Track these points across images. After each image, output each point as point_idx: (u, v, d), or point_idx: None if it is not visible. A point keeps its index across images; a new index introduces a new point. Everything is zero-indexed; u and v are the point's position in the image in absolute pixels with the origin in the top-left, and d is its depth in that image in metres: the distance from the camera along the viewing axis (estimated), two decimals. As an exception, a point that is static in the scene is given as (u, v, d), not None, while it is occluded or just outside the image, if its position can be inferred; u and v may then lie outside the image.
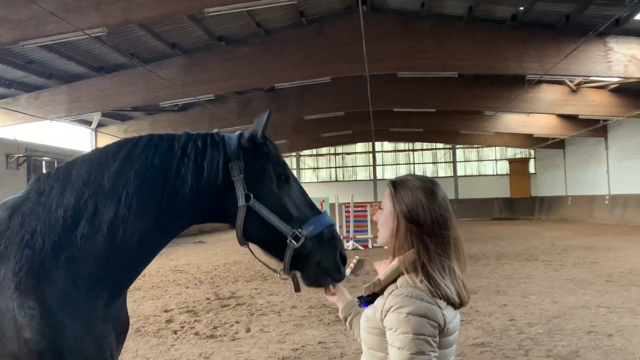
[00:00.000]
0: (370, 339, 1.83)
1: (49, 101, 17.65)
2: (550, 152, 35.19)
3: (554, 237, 19.45)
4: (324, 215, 2.31)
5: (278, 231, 2.22)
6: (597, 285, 9.41)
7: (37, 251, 2.00)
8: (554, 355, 5.54)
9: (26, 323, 1.92)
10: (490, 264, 12.72)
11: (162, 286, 10.97)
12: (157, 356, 6.02)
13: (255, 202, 2.23)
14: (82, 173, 2.17)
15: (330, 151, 42.59)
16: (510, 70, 16.84)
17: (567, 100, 21.74)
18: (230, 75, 16.78)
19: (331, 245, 2.27)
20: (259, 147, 2.34)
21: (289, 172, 2.37)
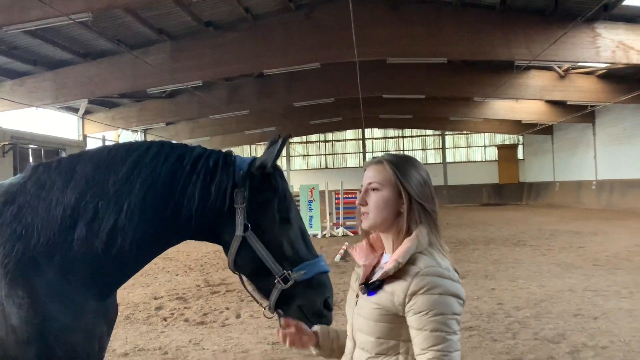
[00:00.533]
0: (379, 327, 1.70)
1: (34, 88, 17.40)
2: (539, 138, 35.40)
3: (541, 222, 19.64)
4: (319, 261, 2.25)
5: (268, 269, 2.17)
6: (583, 269, 9.53)
7: (31, 246, 1.99)
8: (541, 338, 5.62)
9: (14, 312, 1.92)
10: (479, 249, 12.83)
11: (151, 274, 10.94)
12: (147, 343, 6.02)
13: (251, 235, 2.18)
14: (87, 172, 2.13)
15: (320, 138, 42.53)
16: (499, 56, 16.85)
17: (556, 86, 21.84)
18: (218, 61, 16.62)
19: (318, 291, 2.21)
20: (267, 178, 2.27)
21: (293, 209, 2.31)
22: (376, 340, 1.71)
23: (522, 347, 5.33)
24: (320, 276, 2.23)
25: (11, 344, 1.92)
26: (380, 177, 1.81)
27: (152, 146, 2.24)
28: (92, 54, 16.85)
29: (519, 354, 5.15)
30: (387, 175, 1.80)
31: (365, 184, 1.85)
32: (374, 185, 1.82)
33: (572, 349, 5.23)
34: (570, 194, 30.47)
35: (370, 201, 1.82)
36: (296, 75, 21.11)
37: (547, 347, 5.31)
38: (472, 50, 16.38)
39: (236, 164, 2.26)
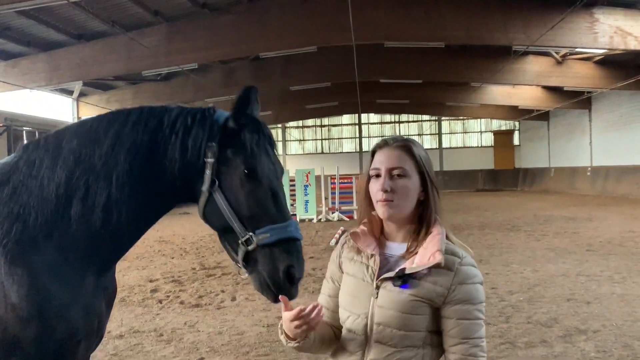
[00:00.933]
0: (411, 319, 1.64)
1: (28, 69, 17.23)
2: (535, 124, 35.43)
3: (536, 208, 19.73)
4: (288, 225, 2.05)
5: (231, 228, 2.08)
6: (577, 255, 9.60)
7: (29, 226, 2.00)
8: (534, 322, 5.66)
9: (14, 290, 1.94)
10: (474, 234, 12.89)
11: (147, 257, 10.95)
12: (142, 325, 6.04)
13: (217, 191, 2.09)
14: (73, 148, 2.12)
15: (316, 123, 42.42)
16: (497, 41, 16.78)
17: (553, 72, 21.80)
18: (213, 44, 16.48)
19: (280, 259, 2.01)
20: (237, 131, 2.15)
21: (264, 167, 2.12)
22: (405, 334, 1.64)
23: (515, 331, 5.38)
24: (286, 242, 2.03)
25: (11, 322, 1.93)
26: (407, 163, 1.72)
27: (131, 114, 2.20)
28: (86, 35, 16.67)
29: (512, 337, 5.19)
30: (413, 161, 1.73)
31: (386, 168, 1.72)
32: (400, 172, 1.71)
33: (564, 332, 5.27)
34: (565, 180, 30.59)
35: (399, 188, 1.70)
36: (293, 58, 20.98)
37: (539, 331, 5.36)
38: (470, 35, 16.29)
39: (214, 118, 2.18)
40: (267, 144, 2.20)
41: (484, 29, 15.92)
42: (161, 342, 5.40)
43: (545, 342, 5.03)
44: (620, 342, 4.94)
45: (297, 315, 1.64)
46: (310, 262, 9.23)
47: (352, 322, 1.72)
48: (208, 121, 2.16)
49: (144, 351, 5.15)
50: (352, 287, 1.75)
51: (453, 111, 35.52)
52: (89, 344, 2.16)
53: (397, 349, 1.64)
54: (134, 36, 15.60)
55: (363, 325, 1.68)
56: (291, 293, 2.02)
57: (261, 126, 2.21)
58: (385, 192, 1.68)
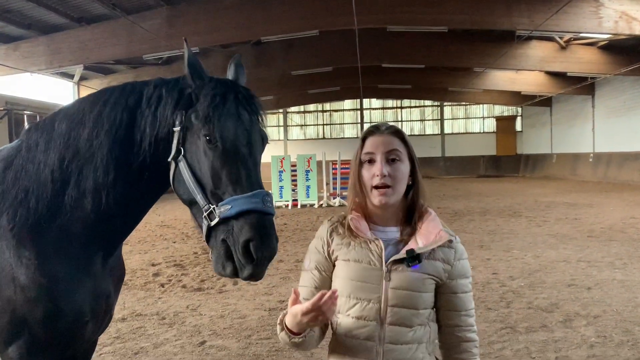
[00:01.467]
0: (424, 297, 1.70)
1: (28, 53, 17.13)
2: (537, 110, 35.27)
3: (537, 194, 19.72)
4: (253, 196, 1.84)
5: (196, 201, 1.94)
6: (578, 241, 9.61)
7: (32, 211, 2.02)
8: (535, 307, 5.68)
9: (22, 272, 1.97)
10: (475, 220, 12.90)
11: (149, 241, 10.99)
12: (145, 308, 6.07)
13: (182, 161, 1.97)
14: (63, 131, 2.11)
15: (318, 108, 42.24)
16: (500, 26, 16.62)
17: (556, 57, 21.63)
18: (214, 27, 16.35)
19: (240, 233, 1.81)
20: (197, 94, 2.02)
21: (228, 131, 1.93)
22: (417, 312, 1.69)
23: (515, 316, 5.40)
24: (248, 215, 1.81)
25: (20, 303, 1.96)
26: (402, 148, 1.76)
27: (114, 91, 2.15)
28: (87, 18, 16.54)
29: (512, 322, 5.21)
30: (405, 147, 1.77)
31: (382, 152, 1.73)
32: (395, 156, 1.74)
33: (565, 317, 5.29)
34: (567, 167, 30.53)
35: (397, 173, 1.72)
36: (294, 42, 20.82)
37: (540, 316, 5.38)
38: (473, 19, 16.15)
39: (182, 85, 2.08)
40: (242, 109, 2.02)
41: (487, 13, 15.77)
42: (163, 326, 5.44)
43: (545, 327, 5.05)
44: (620, 327, 4.96)
45: (314, 307, 1.54)
46: (312, 247, 9.24)
47: (362, 308, 1.68)
48: (177, 88, 2.07)
49: (147, 334, 5.19)
50: (357, 273, 1.70)
51: (455, 97, 35.34)
52: (97, 325, 2.18)
53: (410, 328, 1.68)
54: (134, 19, 15.48)
55: (376, 309, 1.67)
56: (253, 273, 1.82)
57: (232, 89, 2.06)
58: (384, 176, 1.69)
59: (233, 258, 1.84)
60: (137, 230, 13.18)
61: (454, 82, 29.64)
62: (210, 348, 4.77)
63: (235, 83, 2.13)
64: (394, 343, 1.67)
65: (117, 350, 4.75)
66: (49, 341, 2.00)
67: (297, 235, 11.33)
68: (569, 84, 26.27)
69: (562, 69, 22.79)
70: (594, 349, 4.45)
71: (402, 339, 1.67)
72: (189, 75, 2.02)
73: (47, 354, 2.03)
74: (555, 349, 4.50)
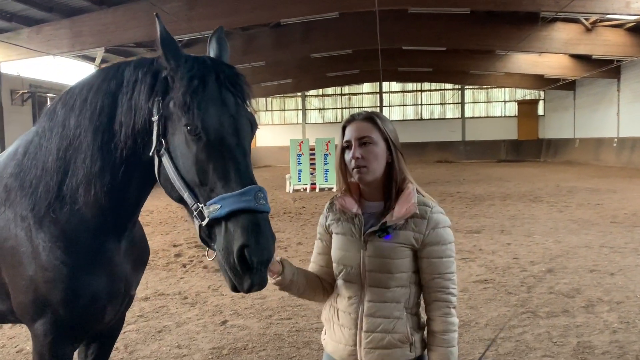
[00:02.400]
0: (398, 263, 1.94)
1: (51, 35, 17.29)
2: (560, 94, 34.57)
3: (559, 179, 19.45)
4: (244, 194, 1.65)
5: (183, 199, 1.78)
6: (600, 226, 9.48)
7: (43, 198, 2.05)
8: (556, 292, 5.65)
9: (41, 252, 2.03)
10: (495, 205, 12.79)
11: (170, 222, 11.14)
12: (167, 288, 6.18)
13: (165, 154, 1.79)
14: (60, 119, 2.08)
15: (337, 91, 41.99)
16: (525, 7, 16.29)
17: (581, 40, 21.10)
18: (234, 10, 16.29)
19: (233, 237, 1.64)
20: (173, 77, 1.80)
21: (212, 119, 1.72)
22: (393, 276, 1.94)
23: (536, 301, 5.37)
24: (241, 215, 1.64)
25: (40, 283, 2.03)
26: (373, 132, 1.98)
27: (101, 74, 2.04)
28: (108, 1, 16.62)
29: (533, 307, 5.19)
30: (377, 130, 1.99)
31: (354, 139, 1.98)
32: (367, 140, 1.97)
33: (587, 303, 5.25)
34: (590, 151, 29.98)
35: (369, 154, 1.96)
36: (314, 25, 20.66)
37: (562, 301, 5.34)
38: (497, 1, 15.83)
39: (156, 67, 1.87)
40: (226, 91, 1.79)
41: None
42: (186, 305, 5.53)
43: (567, 312, 5.02)
44: (644, 313, 4.91)
45: None
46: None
47: (347, 273, 2.00)
48: (150, 72, 1.87)
49: (169, 313, 5.29)
50: (342, 244, 2.02)
51: (477, 80, 34.78)
52: (115, 307, 2.21)
53: (388, 289, 1.95)
54: (155, 2, 15.47)
55: (357, 274, 1.98)
56: (252, 280, 1.66)
57: (212, 68, 1.81)
58: (357, 159, 1.94)
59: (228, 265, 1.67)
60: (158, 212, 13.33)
61: (475, 65, 29.16)
62: (232, 327, 4.85)
63: (216, 61, 1.89)
64: (373, 301, 1.95)
65: (140, 329, 4.85)
66: (69, 320, 2.05)
67: (316, 218, 11.35)
68: (594, 66, 25.67)
69: (587, 52, 22.24)
70: (616, 335, 4.42)
71: (380, 298, 1.95)
72: (162, 56, 1.80)
73: (70, 331, 2.09)
74: (577, 334, 4.47)
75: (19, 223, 2.07)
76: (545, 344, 4.28)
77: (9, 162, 2.21)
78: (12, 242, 2.07)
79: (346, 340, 2.00)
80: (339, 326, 2.04)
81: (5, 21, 16.89)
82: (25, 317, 2.11)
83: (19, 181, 2.10)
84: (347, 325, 2.00)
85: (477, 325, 4.75)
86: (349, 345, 1.99)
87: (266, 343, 4.47)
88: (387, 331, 1.94)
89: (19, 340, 4.60)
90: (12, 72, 19.31)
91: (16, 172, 2.13)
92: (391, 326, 1.94)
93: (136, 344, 4.52)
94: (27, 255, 2.04)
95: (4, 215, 2.11)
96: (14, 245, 2.06)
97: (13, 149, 2.26)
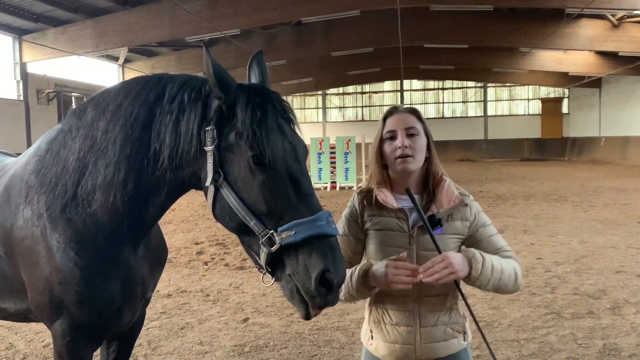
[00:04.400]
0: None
1: (76, 36, 17.62)
2: (586, 92, 33.97)
3: (584, 178, 19.11)
4: (317, 219, 1.69)
5: (248, 227, 1.75)
6: (627, 227, 9.28)
7: (60, 197, 2.03)
8: (581, 293, 5.55)
9: (55, 254, 2.02)
10: (518, 204, 12.62)
11: (192, 220, 11.24)
12: (189, 285, 6.24)
13: (224, 185, 1.77)
14: (88, 120, 2.05)
15: (357, 90, 41.91)
16: (549, 4, 16.05)
17: (608, 36, 20.69)
18: (255, 9, 16.39)
19: (311, 262, 1.66)
20: (231, 107, 1.79)
21: (277, 149, 1.74)
22: None
23: (561, 302, 5.29)
24: (317, 241, 1.67)
25: (55, 284, 2.02)
26: (418, 124, 2.02)
27: (138, 83, 2.01)
28: (132, 1, 16.86)
29: (557, 308, 5.11)
30: (421, 123, 2.03)
31: (401, 129, 1.99)
32: (414, 131, 2.00)
33: (613, 304, 5.15)
34: (616, 150, 29.40)
35: (415, 144, 1.98)
36: (335, 23, 20.66)
37: (587, 302, 5.25)
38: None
39: (209, 94, 1.84)
40: (281, 119, 1.82)
41: (535, -9, 15.21)
42: (208, 302, 5.58)
43: (592, 313, 4.93)
44: (672, 316, 4.79)
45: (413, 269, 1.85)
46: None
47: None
48: (201, 100, 1.84)
49: (192, 310, 5.33)
50: (387, 240, 2.00)
51: (499, 77, 34.37)
52: (132, 310, 2.20)
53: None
54: (177, 2, 15.64)
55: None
56: (328, 301, 1.70)
57: (268, 97, 1.83)
58: (405, 147, 1.95)
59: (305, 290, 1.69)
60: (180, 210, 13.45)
61: (498, 63, 28.82)
62: (254, 325, 4.87)
63: (267, 90, 1.90)
64: (428, 295, 1.97)
65: (163, 325, 4.91)
66: (85, 322, 2.04)
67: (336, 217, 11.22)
68: (620, 64, 25.14)
69: (613, 49, 21.80)
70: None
71: (432, 292, 1.96)
72: (216, 87, 1.78)
73: (88, 333, 2.09)
74: (602, 335, 4.39)
75: (35, 222, 2.05)
76: (569, 346, 4.21)
77: (31, 159, 2.20)
78: (29, 241, 2.06)
79: (403, 339, 1.98)
80: (393, 325, 2.00)
81: (32, 22, 17.26)
82: (44, 317, 2.11)
83: (39, 178, 2.08)
84: (403, 323, 1.98)
85: (500, 325, 4.70)
86: (406, 344, 1.97)
87: (287, 341, 4.48)
88: (445, 323, 1.98)
89: (46, 335, 4.69)
90: (38, 72, 19.70)
91: (37, 169, 2.11)
92: (447, 318, 1.98)
93: (159, 340, 4.57)
94: (42, 255, 2.03)
95: (23, 213, 2.09)
96: (31, 245, 2.06)
97: (36, 146, 2.26)
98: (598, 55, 25.81)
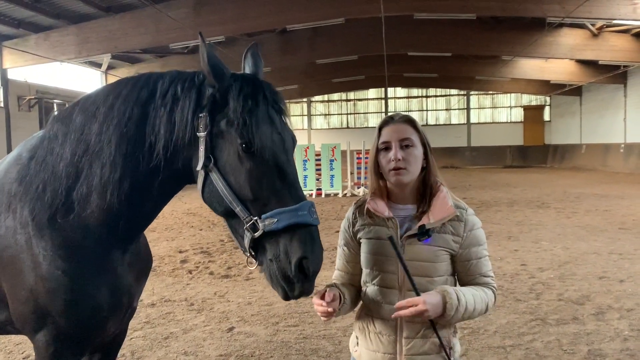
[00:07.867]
0: (438, 266, 1.94)
1: (58, 42, 17.40)
2: (567, 99, 34.49)
3: (566, 185, 19.35)
4: (299, 208, 1.77)
5: (234, 213, 1.83)
6: (609, 233, 9.40)
7: (48, 205, 2.00)
8: (565, 299, 5.59)
9: (41, 263, 1.98)
10: (502, 211, 12.72)
11: (176, 228, 11.13)
12: (173, 294, 6.16)
13: (214, 170, 1.85)
14: (77, 124, 2.04)
15: (342, 97, 42.04)
16: (530, 13, 16.27)
17: (588, 45, 21.06)
18: (240, 16, 16.35)
19: (291, 248, 1.75)
20: (224, 95, 1.86)
21: (265, 138, 1.81)
22: (431, 279, 1.92)
23: (546, 308, 5.32)
24: (298, 229, 1.76)
25: (41, 293, 1.98)
26: (413, 135, 1.97)
27: (128, 82, 2.04)
28: (115, 7, 16.71)
29: (542, 314, 5.14)
30: (417, 133, 1.98)
31: (396, 140, 1.95)
32: (408, 142, 1.95)
33: (597, 310, 5.19)
34: (597, 157, 29.84)
35: (409, 156, 1.94)
36: (320, 31, 20.73)
37: (571, 308, 5.29)
38: (503, 6, 15.82)
39: (202, 83, 1.91)
40: (272, 109, 1.89)
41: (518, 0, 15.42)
42: (192, 311, 5.51)
43: (577, 319, 4.97)
44: (655, 321, 4.84)
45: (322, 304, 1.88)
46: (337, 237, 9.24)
47: (385, 278, 1.96)
48: (195, 88, 1.91)
49: (176, 319, 5.26)
50: (376, 248, 1.97)
51: (482, 85, 34.77)
52: (118, 319, 2.17)
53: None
54: (161, 8, 15.57)
55: (395, 279, 1.94)
56: (305, 288, 1.80)
57: (260, 87, 1.89)
58: (398, 160, 1.91)
59: (283, 275, 1.78)
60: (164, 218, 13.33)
61: (481, 71, 29.16)
62: (239, 334, 4.82)
63: (259, 80, 1.96)
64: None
65: (147, 335, 4.83)
66: (70, 332, 2.00)
67: (322, 224, 11.30)
68: (600, 72, 25.60)
69: (593, 57, 22.20)
70: (627, 343, 4.36)
71: None
72: (210, 75, 1.85)
73: (72, 343, 2.04)
74: (587, 341, 4.42)
75: (19, 230, 2.01)
76: (555, 352, 4.23)
77: (10, 167, 2.15)
78: (12, 250, 2.02)
79: (385, 348, 1.96)
80: (376, 334, 1.99)
81: (13, 28, 17.03)
82: (26, 328, 2.06)
83: (23, 186, 2.05)
84: (386, 333, 1.96)
85: (486, 332, 4.70)
86: (388, 353, 1.95)
87: (273, 350, 4.44)
88: (428, 336, 1.92)
89: (26, 347, 4.59)
90: (19, 79, 19.42)
91: (21, 177, 2.07)
92: (431, 331, 1.91)
93: (143, 350, 4.49)
94: (27, 264, 1.98)
95: (5, 223, 2.05)
96: (13, 254, 2.01)
97: (16, 154, 2.21)
98: (579, 63, 26.24)
